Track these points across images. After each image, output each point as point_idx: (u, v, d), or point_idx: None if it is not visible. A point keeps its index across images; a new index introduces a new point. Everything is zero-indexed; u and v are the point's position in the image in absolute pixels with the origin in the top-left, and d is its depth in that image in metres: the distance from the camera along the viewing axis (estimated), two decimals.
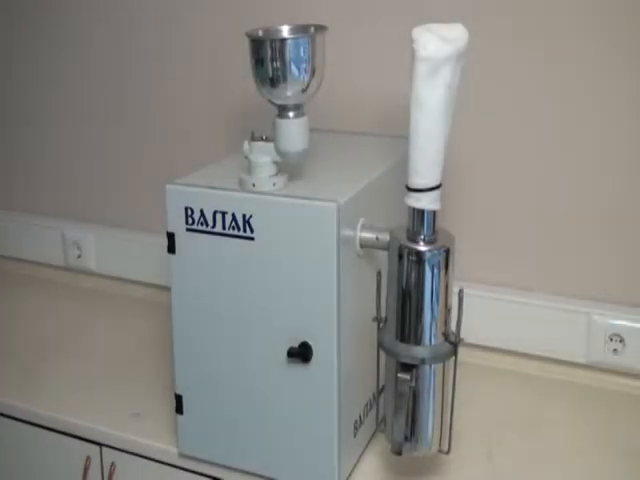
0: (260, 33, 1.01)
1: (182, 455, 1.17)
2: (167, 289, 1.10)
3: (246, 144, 1.04)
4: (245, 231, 1.01)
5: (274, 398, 1.06)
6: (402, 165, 0.97)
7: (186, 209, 1.04)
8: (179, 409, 1.13)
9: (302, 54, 0.97)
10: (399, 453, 1.01)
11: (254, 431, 1.09)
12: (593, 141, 1.29)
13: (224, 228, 1.02)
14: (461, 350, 1.00)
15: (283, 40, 0.98)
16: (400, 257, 0.97)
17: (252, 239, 1.01)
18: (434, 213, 0.97)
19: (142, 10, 1.59)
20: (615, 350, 1.31)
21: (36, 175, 1.84)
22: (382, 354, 1.03)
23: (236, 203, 1.01)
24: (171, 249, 1.07)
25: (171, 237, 1.07)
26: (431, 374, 1.00)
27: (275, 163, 1.03)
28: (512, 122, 1.33)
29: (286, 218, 0.99)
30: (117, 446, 1.24)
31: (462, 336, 1.00)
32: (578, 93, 1.28)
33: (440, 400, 1.02)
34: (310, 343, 1.01)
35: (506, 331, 1.38)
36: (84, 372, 1.41)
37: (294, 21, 1.07)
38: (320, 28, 1.01)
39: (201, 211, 1.03)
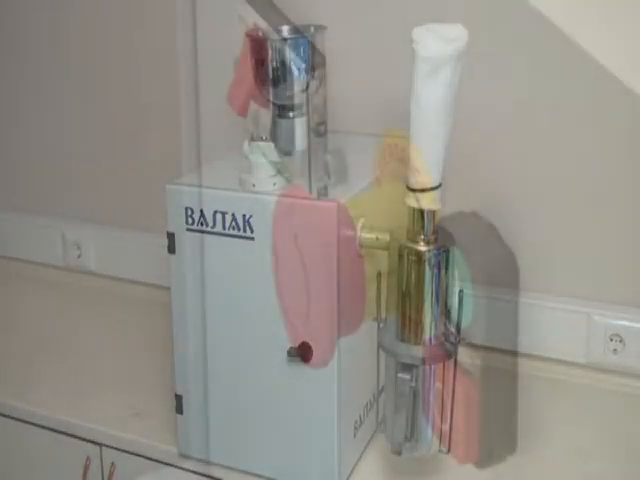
0: (260, 33, 1.01)
1: (182, 455, 1.16)
2: (167, 289, 1.10)
3: (246, 144, 1.04)
4: (245, 231, 1.01)
5: (274, 398, 1.06)
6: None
7: (186, 209, 1.04)
8: (179, 409, 1.13)
9: (302, 54, 0.97)
10: (399, 453, 1.01)
11: (254, 431, 1.09)
12: (593, 140, 1.28)
13: (224, 228, 1.02)
14: (461, 350, 1.00)
15: (283, 40, 0.98)
16: (400, 257, 0.97)
17: (252, 239, 1.01)
18: (434, 213, 0.97)
19: (147, 9, 1.59)
20: (615, 350, 1.31)
21: (36, 175, 1.83)
22: (382, 354, 1.03)
23: (236, 203, 1.01)
24: (171, 249, 1.07)
25: (171, 237, 1.07)
26: (431, 374, 1.00)
27: (275, 163, 1.03)
28: (512, 122, 1.33)
29: (286, 218, 0.99)
30: (117, 446, 1.24)
31: (462, 336, 1.00)
32: (577, 93, 1.27)
33: (440, 400, 1.02)
34: (310, 343, 1.01)
35: (506, 331, 1.38)
36: (84, 372, 1.41)
37: (294, 21, 1.07)
38: (320, 28, 1.01)
39: (201, 211, 1.03)
